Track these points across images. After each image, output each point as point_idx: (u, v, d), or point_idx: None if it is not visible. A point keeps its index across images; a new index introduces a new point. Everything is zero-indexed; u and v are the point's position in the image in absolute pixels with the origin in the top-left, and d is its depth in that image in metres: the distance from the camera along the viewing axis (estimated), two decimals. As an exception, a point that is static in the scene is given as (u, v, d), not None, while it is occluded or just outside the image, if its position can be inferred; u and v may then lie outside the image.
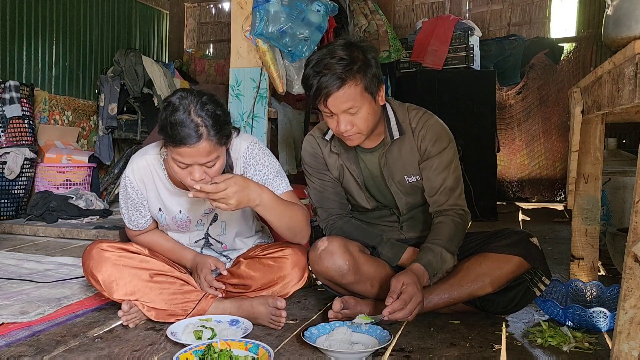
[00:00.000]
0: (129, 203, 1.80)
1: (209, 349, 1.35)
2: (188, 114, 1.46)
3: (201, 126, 1.46)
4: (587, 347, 1.52)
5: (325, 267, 1.73)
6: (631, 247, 1.10)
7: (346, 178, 1.88)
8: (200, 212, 1.79)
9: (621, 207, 2.82)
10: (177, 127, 1.45)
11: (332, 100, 1.60)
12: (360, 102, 1.62)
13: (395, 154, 1.80)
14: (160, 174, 1.73)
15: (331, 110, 1.63)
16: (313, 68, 1.62)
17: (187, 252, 1.87)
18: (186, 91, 1.52)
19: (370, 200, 1.89)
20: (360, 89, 1.61)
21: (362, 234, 1.85)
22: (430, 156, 1.77)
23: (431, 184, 1.78)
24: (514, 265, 1.70)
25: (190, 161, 1.49)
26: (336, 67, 1.58)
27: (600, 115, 1.92)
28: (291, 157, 3.49)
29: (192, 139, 1.45)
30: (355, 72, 1.60)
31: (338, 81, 1.58)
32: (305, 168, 1.95)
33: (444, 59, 4.55)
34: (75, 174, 4.17)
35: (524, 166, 5.53)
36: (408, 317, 1.52)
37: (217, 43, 6.61)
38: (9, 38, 4.21)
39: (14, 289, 2.10)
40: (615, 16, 1.32)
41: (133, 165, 1.74)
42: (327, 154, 1.87)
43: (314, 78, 1.61)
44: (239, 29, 3.09)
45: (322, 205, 1.92)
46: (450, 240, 1.70)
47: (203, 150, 1.48)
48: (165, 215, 1.79)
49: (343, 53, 1.61)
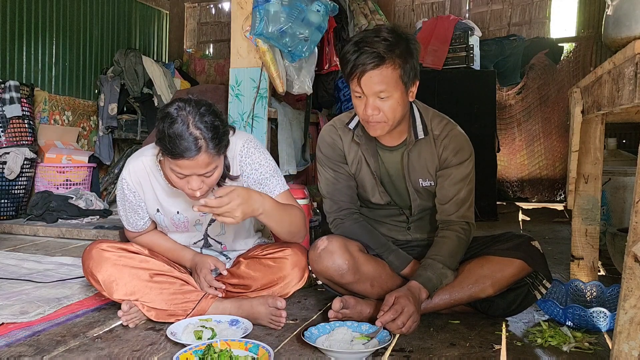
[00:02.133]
0: (127, 205, 1.79)
1: (209, 349, 1.35)
2: (187, 127, 1.43)
3: (200, 139, 1.44)
4: (587, 347, 1.52)
5: (324, 266, 1.73)
6: (631, 247, 1.10)
7: (363, 171, 1.84)
8: (198, 212, 1.78)
9: (621, 207, 2.82)
10: (175, 140, 1.42)
11: (366, 78, 1.58)
12: (392, 89, 1.60)
13: (415, 155, 1.78)
14: (156, 175, 1.72)
15: (363, 90, 1.61)
16: (355, 44, 1.60)
17: (186, 252, 1.87)
18: (184, 101, 1.49)
19: (384, 195, 1.85)
20: (397, 75, 1.59)
21: (371, 238, 1.84)
22: (449, 166, 1.76)
23: (444, 193, 1.77)
24: (515, 268, 1.70)
25: (189, 172, 1.49)
26: (378, 46, 1.57)
27: (600, 115, 1.92)
28: (291, 157, 3.48)
29: (191, 152, 1.43)
30: (397, 56, 1.58)
31: (377, 59, 1.56)
32: (319, 157, 1.90)
33: (444, 59, 4.54)
34: (75, 174, 4.17)
35: (524, 166, 5.53)
36: (402, 330, 1.51)
37: (217, 43, 6.62)
38: (9, 38, 4.21)
39: (14, 289, 2.10)
40: (615, 16, 1.32)
41: (129, 167, 1.73)
42: (348, 144, 1.84)
43: (354, 54, 1.59)
44: (239, 29, 3.10)
45: (332, 197, 1.88)
46: (451, 256, 1.70)
47: (202, 162, 1.47)
48: (163, 216, 1.79)
49: (388, 35, 1.60)
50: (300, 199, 2.61)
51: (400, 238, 1.92)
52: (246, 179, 1.72)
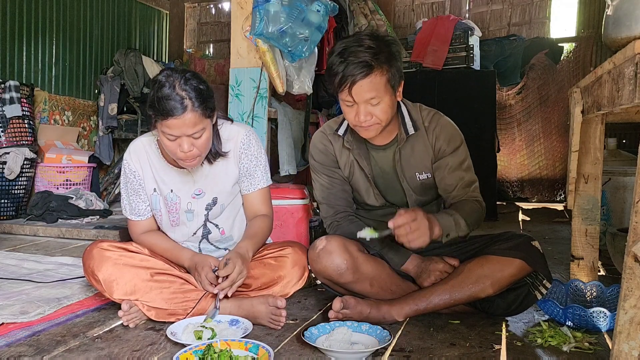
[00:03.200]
0: (129, 187, 1.86)
1: (209, 349, 1.35)
2: (173, 89, 1.58)
3: (185, 98, 1.57)
4: (587, 347, 1.52)
5: (323, 266, 1.74)
6: (631, 247, 1.10)
7: (356, 175, 1.88)
8: (190, 192, 1.82)
9: (621, 207, 2.82)
10: (163, 101, 1.57)
11: (356, 88, 1.61)
12: (383, 94, 1.64)
13: (408, 151, 1.81)
14: (154, 150, 1.83)
15: (354, 99, 1.64)
16: (339, 55, 1.63)
17: (185, 252, 1.87)
18: (171, 69, 1.65)
19: (379, 197, 1.88)
20: (385, 79, 1.63)
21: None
22: (444, 155, 1.80)
23: (448, 182, 1.80)
24: (515, 268, 1.70)
25: (178, 132, 1.60)
26: (364, 55, 1.60)
27: (600, 115, 1.92)
28: (291, 157, 3.48)
29: (178, 110, 1.56)
30: (382, 62, 1.62)
31: (365, 68, 1.59)
32: (313, 165, 1.94)
33: (444, 59, 4.55)
34: (75, 174, 4.17)
35: (524, 166, 5.53)
36: (408, 237, 1.52)
37: (217, 43, 6.62)
38: (9, 38, 4.21)
39: (14, 289, 2.10)
40: (615, 16, 1.32)
41: (130, 148, 1.86)
42: (339, 150, 1.88)
43: (340, 65, 1.62)
44: (239, 29, 3.10)
45: (328, 202, 1.91)
46: (467, 213, 1.73)
47: (189, 121, 1.58)
48: (159, 196, 1.84)
49: (370, 42, 1.62)
50: (300, 199, 2.63)
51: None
52: (241, 166, 1.83)
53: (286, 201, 2.60)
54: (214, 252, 1.91)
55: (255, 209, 1.89)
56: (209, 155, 1.76)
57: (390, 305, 1.72)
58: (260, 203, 1.89)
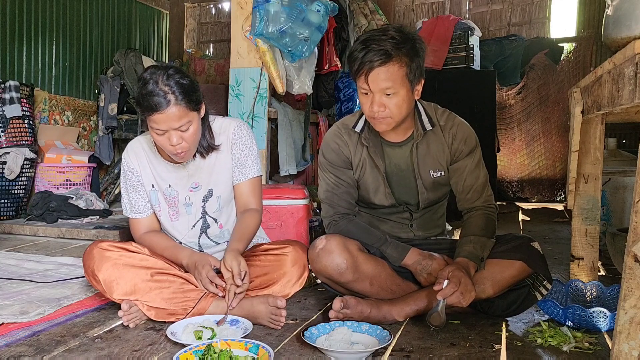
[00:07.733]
0: (128, 184, 1.89)
1: (209, 349, 1.35)
2: (156, 84, 1.63)
3: (169, 93, 1.63)
4: (587, 347, 1.52)
5: (323, 265, 1.74)
6: (631, 247, 1.10)
7: (367, 173, 1.86)
8: (187, 186, 1.86)
9: (621, 207, 2.82)
10: (148, 97, 1.63)
11: (373, 75, 1.62)
12: (399, 86, 1.64)
13: (424, 148, 1.82)
14: (151, 148, 1.88)
15: (369, 87, 1.64)
16: (362, 43, 1.65)
17: (183, 251, 1.87)
18: (155, 67, 1.71)
19: (390, 196, 1.87)
20: (403, 72, 1.63)
21: (366, 235, 1.84)
22: (462, 156, 1.82)
23: (465, 183, 1.82)
24: (515, 270, 1.71)
25: (165, 127, 1.65)
26: (385, 43, 1.61)
27: (600, 115, 1.92)
28: (291, 157, 3.48)
29: (162, 105, 1.62)
30: (403, 54, 1.62)
31: (384, 56, 1.60)
32: (322, 162, 1.92)
33: (444, 59, 4.55)
34: (75, 174, 4.17)
35: (524, 166, 5.52)
36: (462, 302, 1.56)
37: (217, 43, 6.61)
38: (9, 38, 4.21)
39: (14, 289, 2.10)
40: (615, 16, 1.32)
41: (128, 147, 1.92)
42: (354, 147, 1.86)
43: (361, 52, 1.63)
44: (239, 29, 3.10)
45: (331, 202, 1.90)
46: (483, 228, 1.75)
47: (173, 115, 1.63)
48: (157, 191, 1.87)
49: (395, 33, 1.64)
50: (300, 199, 2.62)
51: (403, 236, 1.93)
52: (232, 156, 1.88)
53: (286, 201, 2.59)
54: (214, 247, 1.92)
55: (245, 200, 1.90)
56: (202, 149, 1.81)
57: (390, 305, 1.73)
58: (250, 194, 1.90)
